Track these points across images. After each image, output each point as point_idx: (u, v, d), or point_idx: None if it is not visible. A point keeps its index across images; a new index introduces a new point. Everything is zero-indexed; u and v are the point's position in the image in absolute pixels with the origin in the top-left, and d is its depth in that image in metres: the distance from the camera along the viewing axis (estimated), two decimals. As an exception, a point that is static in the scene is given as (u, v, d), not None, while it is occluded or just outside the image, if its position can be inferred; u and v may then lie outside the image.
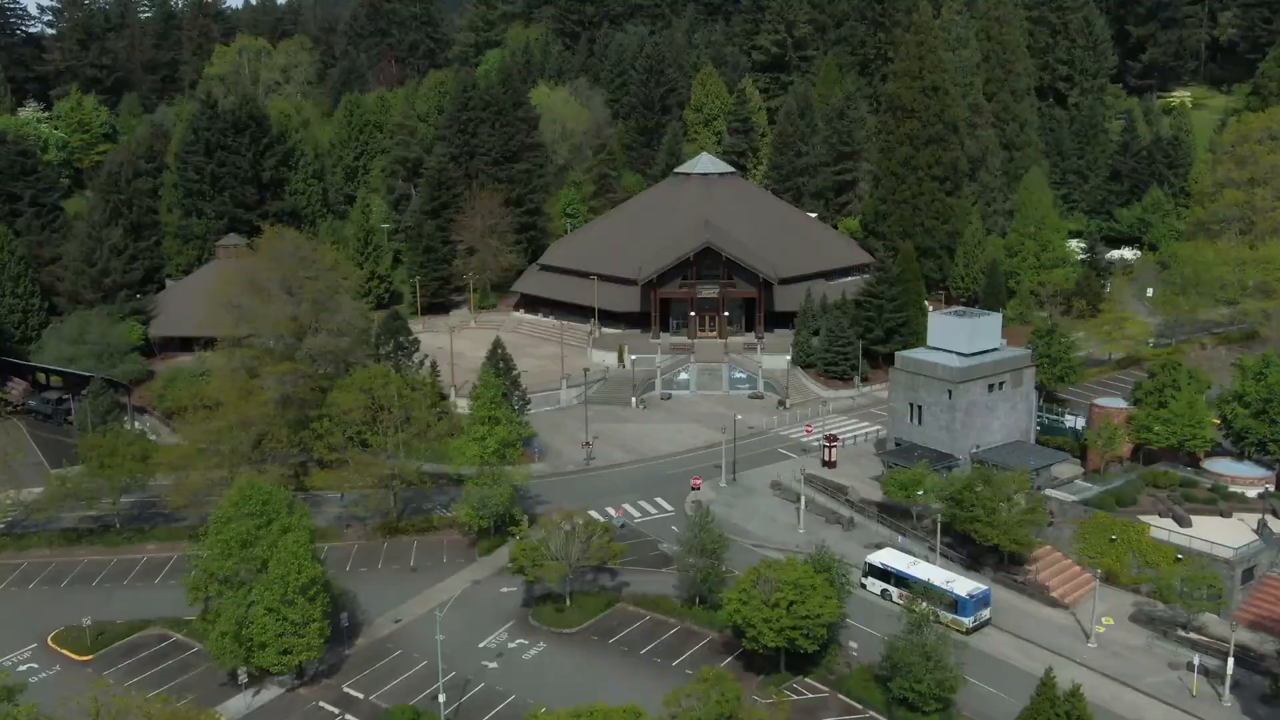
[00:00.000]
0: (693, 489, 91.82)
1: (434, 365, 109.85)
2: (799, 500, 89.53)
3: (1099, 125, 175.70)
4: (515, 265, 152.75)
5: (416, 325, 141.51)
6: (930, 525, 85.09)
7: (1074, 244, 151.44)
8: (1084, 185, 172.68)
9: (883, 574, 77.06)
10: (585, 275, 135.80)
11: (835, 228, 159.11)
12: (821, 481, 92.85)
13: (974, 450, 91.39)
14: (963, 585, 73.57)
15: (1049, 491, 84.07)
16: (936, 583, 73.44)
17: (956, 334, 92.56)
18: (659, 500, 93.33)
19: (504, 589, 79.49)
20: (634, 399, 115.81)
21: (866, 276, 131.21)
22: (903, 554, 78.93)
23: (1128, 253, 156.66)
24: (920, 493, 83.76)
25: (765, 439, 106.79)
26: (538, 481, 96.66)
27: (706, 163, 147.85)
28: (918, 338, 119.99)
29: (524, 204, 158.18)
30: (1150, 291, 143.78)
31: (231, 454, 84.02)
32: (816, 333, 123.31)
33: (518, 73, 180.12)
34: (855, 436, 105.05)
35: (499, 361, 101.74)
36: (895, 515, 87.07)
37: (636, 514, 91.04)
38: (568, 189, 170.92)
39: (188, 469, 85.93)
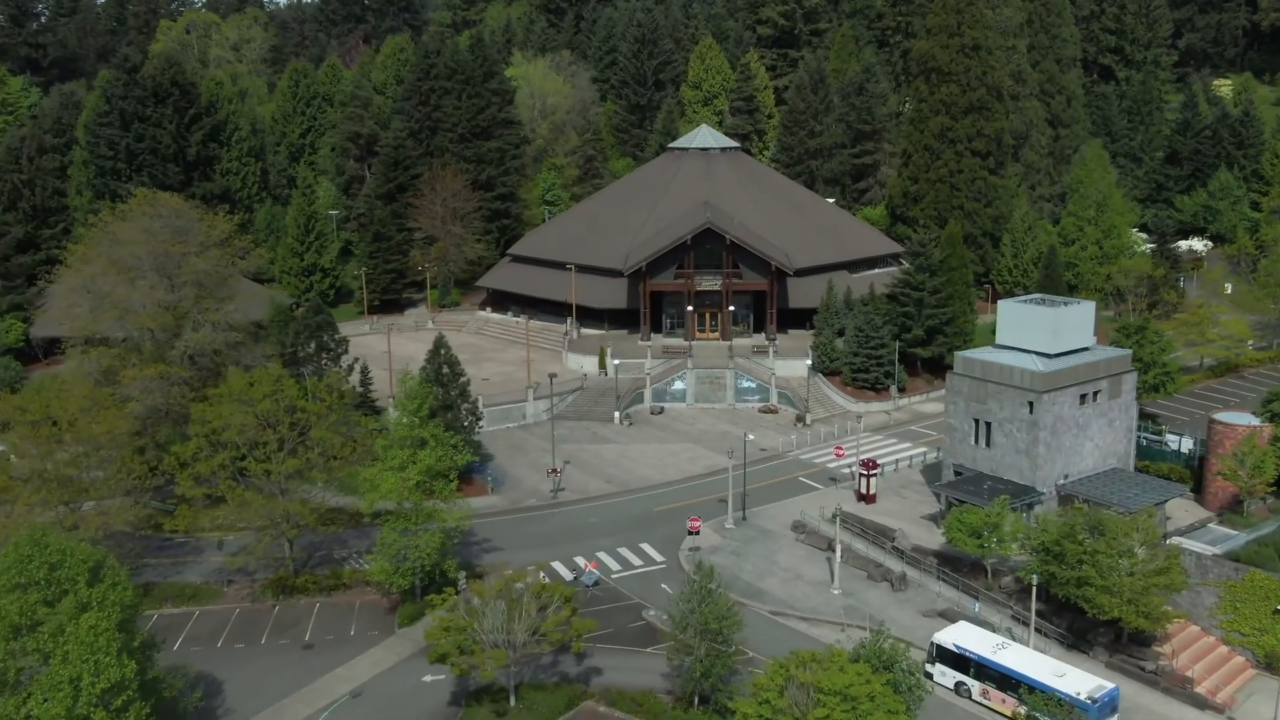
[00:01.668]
0: (690, 533, 69.40)
1: (364, 371, 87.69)
2: (830, 548, 67.32)
3: (1154, 102, 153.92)
4: (485, 258, 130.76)
5: (362, 325, 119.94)
6: (1012, 586, 62.77)
7: (1134, 233, 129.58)
8: (1137, 169, 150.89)
9: (958, 661, 54.68)
10: (562, 266, 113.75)
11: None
12: (859, 522, 70.60)
13: (1062, 481, 69.25)
14: (1080, 682, 51.28)
15: (1179, 541, 61.75)
16: (1042, 678, 51.20)
17: (1036, 328, 70.46)
18: (645, 547, 70.97)
19: (429, 677, 57.09)
20: (617, 414, 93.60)
21: (898, 268, 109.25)
22: (982, 631, 56.53)
23: (1197, 243, 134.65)
24: (998, 541, 61.59)
25: (782, 464, 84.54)
26: (490, 521, 74.45)
27: (706, 136, 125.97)
28: (964, 339, 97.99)
29: (495, 187, 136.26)
30: (1229, 288, 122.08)
31: (61, 488, 61.36)
32: (841, 333, 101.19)
33: (492, 43, 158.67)
34: (896, 461, 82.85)
35: (441, 366, 79.49)
36: (962, 571, 64.79)
37: (615, 566, 68.67)
38: (547, 173, 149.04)
39: (10, 504, 63.31)
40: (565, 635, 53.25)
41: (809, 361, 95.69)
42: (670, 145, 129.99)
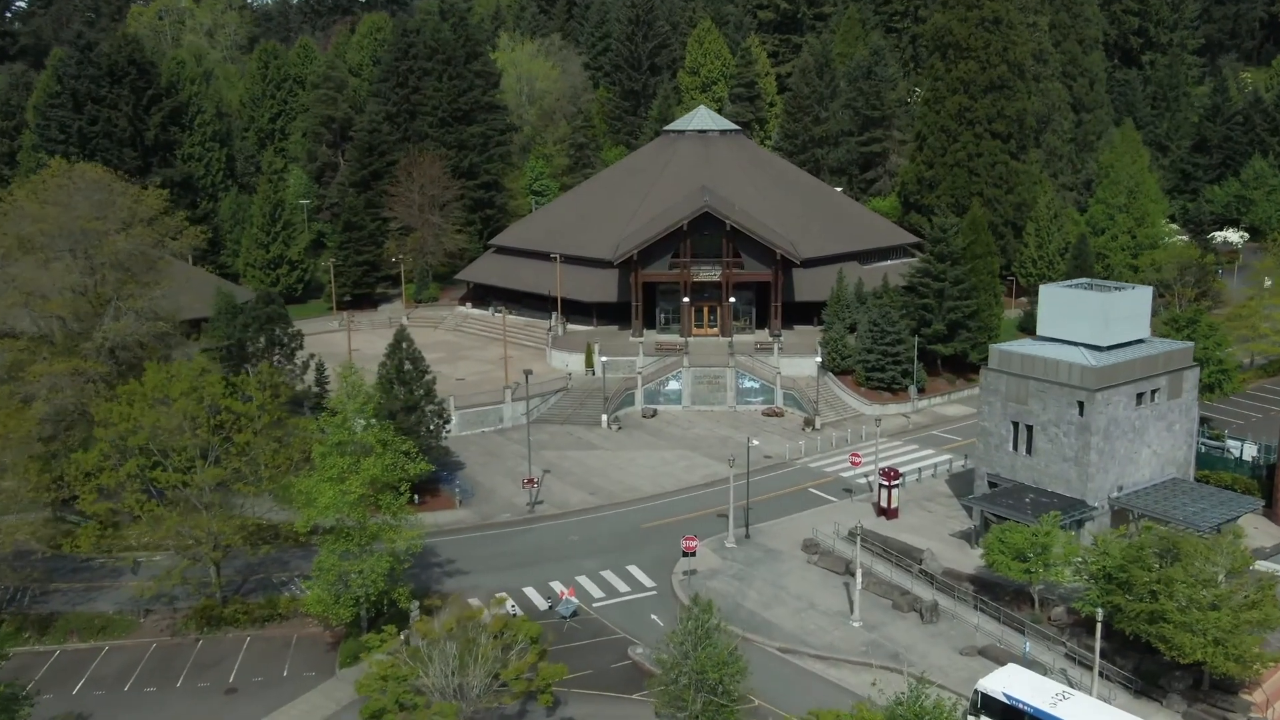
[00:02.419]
0: (685, 553, 59.74)
1: (320, 370, 78.19)
2: (849, 571, 57.81)
3: (1180, 87, 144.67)
4: (467, 250, 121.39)
5: (331, 321, 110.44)
6: (1064, 618, 53.26)
7: (1165, 224, 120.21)
8: (1163, 158, 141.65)
9: (1010, 714, 45.02)
10: (547, 257, 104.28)
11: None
12: (880, 541, 61.05)
13: (1116, 494, 59.75)
14: (1163, 745, 41.72)
15: (1267, 567, 52.22)
16: (1116, 740, 41.67)
17: (1085, 317, 60.99)
18: (633, 570, 61.33)
19: (370, 729, 47.37)
20: (604, 417, 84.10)
21: (914, 259, 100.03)
22: (1037, 676, 46.89)
23: (1232, 234, 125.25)
24: (1047, 565, 52.06)
25: (789, 473, 75.01)
26: (457, 539, 65.00)
27: (704, 118, 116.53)
28: (989, 335, 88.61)
29: (478, 175, 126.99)
30: (1268, 281, 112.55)
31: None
32: (853, 328, 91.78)
33: (478, 26, 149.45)
34: (919, 470, 73.35)
35: (403, 362, 69.95)
36: (1004, 599, 55.23)
37: (597, 593, 59.06)
38: (535, 161, 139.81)
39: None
40: (531, 684, 43.71)
41: (818, 359, 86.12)
42: (665, 128, 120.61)
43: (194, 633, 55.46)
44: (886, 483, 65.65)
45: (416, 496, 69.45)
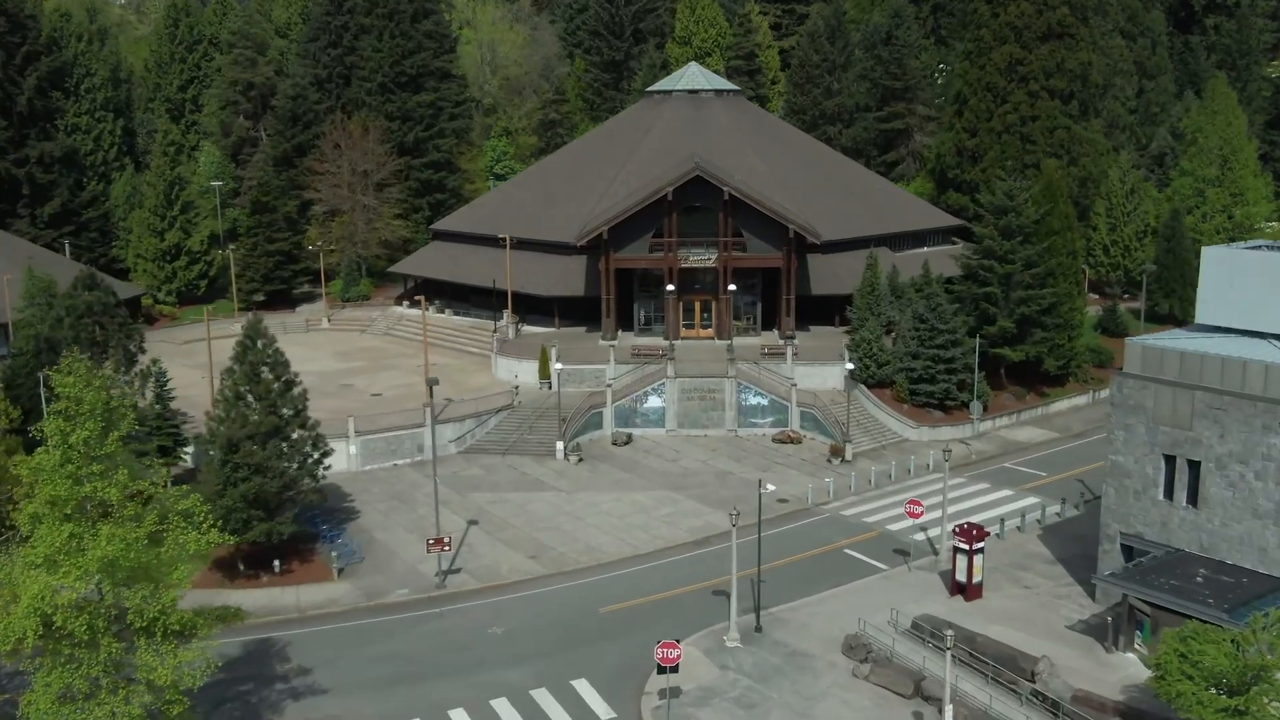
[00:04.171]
0: (661, 667, 37.57)
1: (162, 382, 56.40)
2: (919, 692, 36.18)
3: (1253, 54, 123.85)
4: (412, 242, 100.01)
5: (233, 324, 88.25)
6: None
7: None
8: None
9: None
10: (499, 243, 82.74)
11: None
12: (965, 641, 39.29)
13: (1340, 570, 38.11)
14: None
15: None
16: None
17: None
18: (581, 689, 39.33)
19: None
20: (560, 445, 62.37)
21: (955, 246, 79.22)
22: None
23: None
24: (1271, 701, 30.50)
25: (814, 525, 53.34)
26: (324, 630, 43.30)
27: (695, 76, 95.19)
28: (1069, 334, 67.35)
29: (425, 152, 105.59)
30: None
31: None
32: (889, 328, 70.43)
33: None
34: (1000, 522, 51.66)
35: (257, 369, 48.24)
36: (1189, 752, 33.48)
37: (524, 729, 37.35)
38: (497, 140, 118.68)
39: None
40: None
41: (848, 367, 64.27)
42: (649, 88, 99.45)
43: None
44: (965, 545, 43.98)
45: (278, 563, 47.95)
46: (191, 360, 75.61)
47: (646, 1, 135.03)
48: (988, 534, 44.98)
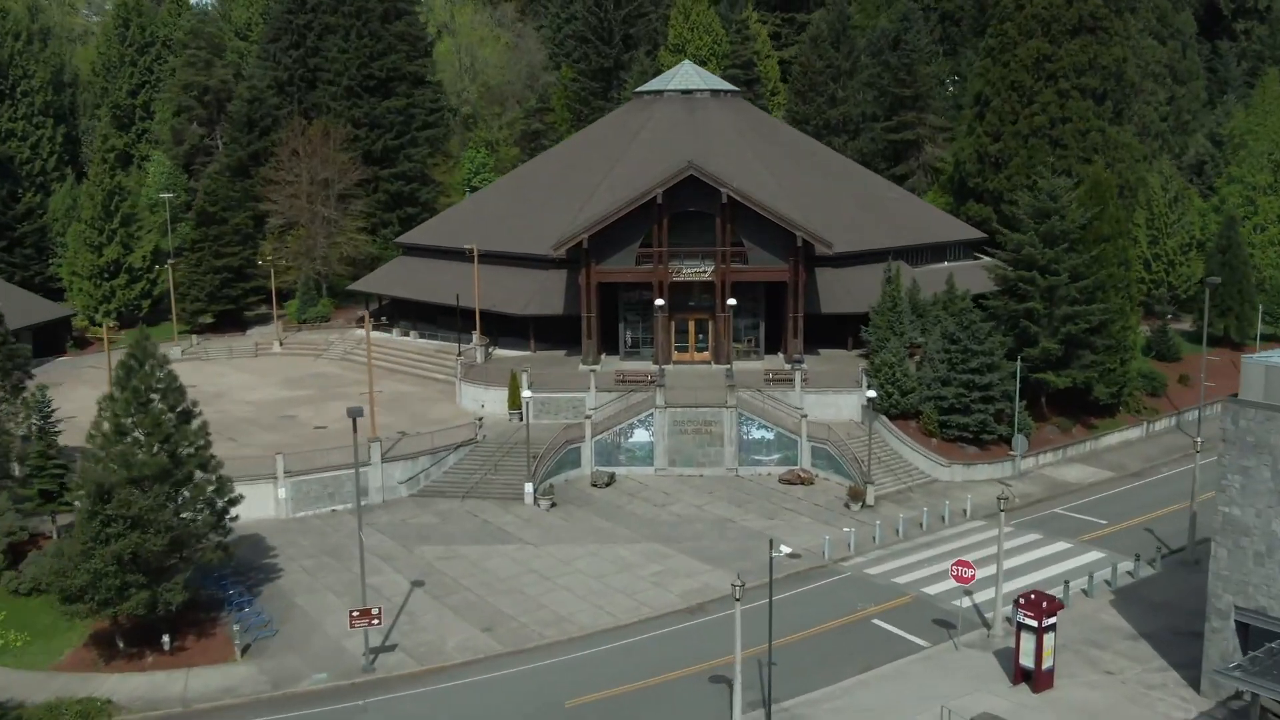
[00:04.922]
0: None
1: (46, 414, 46.93)
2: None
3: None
4: (381, 258, 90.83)
5: (173, 348, 78.74)
6: None
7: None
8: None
9: None
10: (467, 256, 73.38)
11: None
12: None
13: None
14: None
15: None
16: None
17: None
18: (538, 821, 29.85)
19: None
20: (530, 487, 52.81)
21: (981, 260, 70.21)
22: None
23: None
24: None
25: (833, 587, 43.78)
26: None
27: (690, 75, 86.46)
28: (1122, 357, 58.14)
29: (396, 163, 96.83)
30: None
31: None
32: (914, 350, 61.13)
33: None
34: (1066, 582, 42.09)
35: (146, 397, 38.79)
36: None
37: None
38: (475, 151, 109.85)
39: None
40: None
41: (869, 394, 54.77)
42: (639, 89, 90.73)
43: None
44: (1033, 620, 34.44)
45: (168, 639, 38.45)
46: (113, 388, 65.95)
47: (638, 5, 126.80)
48: (1061, 606, 35.41)
